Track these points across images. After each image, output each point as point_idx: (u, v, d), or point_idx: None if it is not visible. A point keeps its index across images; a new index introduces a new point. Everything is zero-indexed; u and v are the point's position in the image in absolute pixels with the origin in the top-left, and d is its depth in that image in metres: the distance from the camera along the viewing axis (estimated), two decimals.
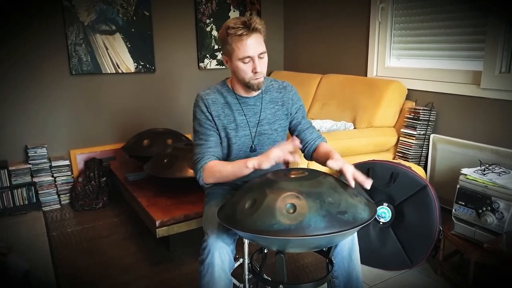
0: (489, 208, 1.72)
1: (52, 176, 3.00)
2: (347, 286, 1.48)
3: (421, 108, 2.49)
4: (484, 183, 1.76)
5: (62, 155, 3.12)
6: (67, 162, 3.05)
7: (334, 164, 1.32)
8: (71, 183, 3.08)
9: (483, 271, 1.93)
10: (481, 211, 1.75)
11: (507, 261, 1.49)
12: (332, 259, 1.41)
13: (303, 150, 1.64)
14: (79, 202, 2.93)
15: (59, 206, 3.04)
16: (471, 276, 1.77)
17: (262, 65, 1.43)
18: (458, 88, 2.42)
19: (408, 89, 2.71)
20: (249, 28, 1.35)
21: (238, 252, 1.56)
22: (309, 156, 1.62)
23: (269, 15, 3.87)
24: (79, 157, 3.20)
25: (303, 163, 2.19)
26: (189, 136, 3.58)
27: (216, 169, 1.43)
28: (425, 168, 2.55)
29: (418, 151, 2.52)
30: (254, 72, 1.41)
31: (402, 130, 2.57)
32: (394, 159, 2.63)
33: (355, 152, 2.45)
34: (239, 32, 1.34)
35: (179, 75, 3.54)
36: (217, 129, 1.52)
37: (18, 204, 2.90)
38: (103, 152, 3.29)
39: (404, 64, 2.84)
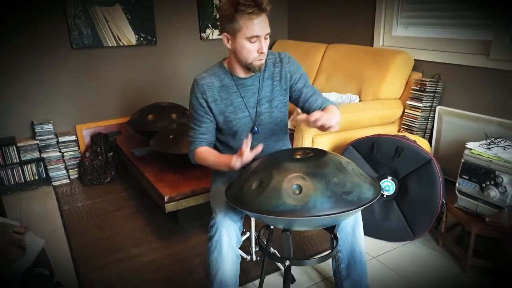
0: (492, 182, 1.74)
1: (60, 152, 3.04)
2: (350, 259, 1.53)
3: (428, 80, 2.46)
4: (489, 157, 1.76)
5: (68, 131, 3.14)
6: (73, 138, 3.08)
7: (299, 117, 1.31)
8: (79, 158, 3.13)
9: (483, 243, 1.97)
10: (484, 185, 1.77)
11: (508, 234, 1.52)
12: (337, 235, 1.45)
13: None
14: (88, 177, 2.99)
15: (68, 181, 3.10)
16: (471, 247, 1.81)
17: (266, 46, 1.41)
18: (466, 59, 2.38)
19: (415, 59, 2.67)
20: (260, 8, 1.33)
21: (245, 225, 1.60)
22: None
23: None
24: (85, 132, 3.23)
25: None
26: None
27: (202, 157, 1.52)
28: (430, 141, 2.55)
29: (424, 123, 2.52)
30: (260, 52, 1.39)
31: (408, 102, 2.55)
32: (399, 131, 2.63)
33: (360, 125, 2.45)
34: (250, 10, 1.31)
35: (181, 46, 3.49)
36: (213, 115, 1.53)
37: (28, 180, 2.96)
38: (108, 126, 3.31)
39: (412, 33, 2.77)
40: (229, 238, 1.36)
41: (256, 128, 1.56)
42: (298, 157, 1.27)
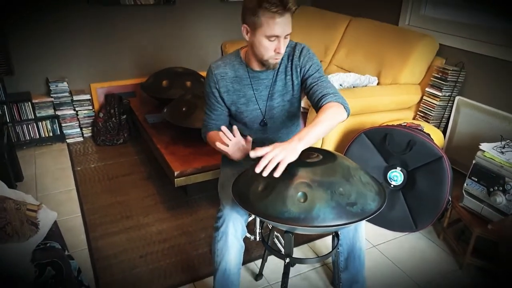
0: (500, 188, 1.72)
1: (74, 110, 3.08)
2: (350, 253, 1.58)
3: (450, 69, 2.37)
4: (501, 163, 1.74)
5: (83, 89, 3.16)
6: (88, 97, 3.10)
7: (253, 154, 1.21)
8: (93, 117, 3.17)
9: (483, 243, 1.99)
10: (492, 189, 1.76)
11: (508, 244, 1.54)
12: (338, 233, 1.48)
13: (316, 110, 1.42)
14: (101, 138, 3.04)
15: (82, 139, 3.16)
16: (471, 246, 1.84)
17: (285, 46, 1.37)
18: (495, 50, 2.27)
19: (439, 44, 2.55)
20: (285, 8, 1.27)
21: None
22: None
23: None
24: (100, 91, 3.24)
25: None
26: None
27: (212, 141, 1.56)
28: (445, 131, 2.51)
29: (441, 112, 2.46)
30: (277, 52, 1.35)
31: (427, 89, 2.48)
32: (414, 118, 2.58)
33: (376, 109, 2.41)
34: (274, 9, 1.25)
35: (200, 7, 3.38)
36: (225, 104, 1.54)
37: (43, 136, 3.04)
38: (123, 86, 3.31)
39: (440, 14, 2.63)
40: (235, 230, 1.41)
41: (264, 121, 1.55)
42: (307, 160, 1.27)
